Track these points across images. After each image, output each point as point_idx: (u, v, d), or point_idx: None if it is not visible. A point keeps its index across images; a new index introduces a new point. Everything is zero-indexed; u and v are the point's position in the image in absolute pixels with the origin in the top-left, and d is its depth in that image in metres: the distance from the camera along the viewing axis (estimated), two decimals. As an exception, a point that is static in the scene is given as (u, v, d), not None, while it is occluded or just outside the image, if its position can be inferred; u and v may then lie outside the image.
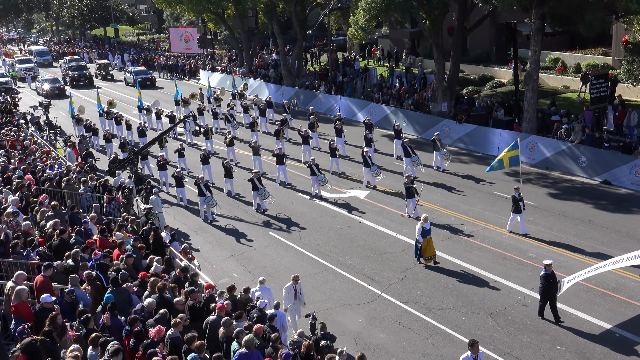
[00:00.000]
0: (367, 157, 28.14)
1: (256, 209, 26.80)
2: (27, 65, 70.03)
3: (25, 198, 19.80)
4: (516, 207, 22.47)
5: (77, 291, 13.40)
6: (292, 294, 16.88)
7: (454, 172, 30.27)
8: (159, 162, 29.87)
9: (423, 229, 20.62)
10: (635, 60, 31.61)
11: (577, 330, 17.00)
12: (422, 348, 16.66)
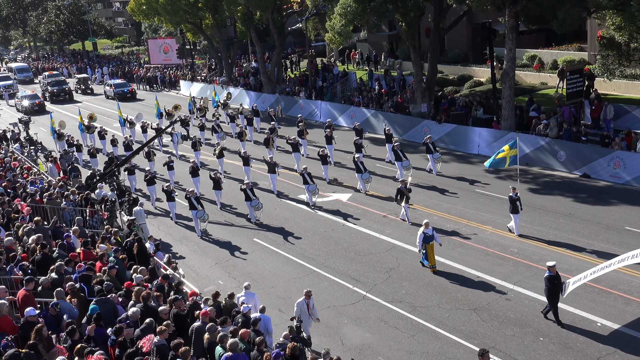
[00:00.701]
0: (359, 163, 28.14)
1: (249, 220, 26.55)
2: (6, 83, 69.72)
3: (6, 214, 19.80)
4: (514, 207, 22.30)
5: (63, 303, 13.44)
6: (305, 309, 16.42)
7: (443, 174, 30.46)
8: (146, 176, 29.35)
9: (424, 235, 20.26)
10: (610, 55, 32.07)
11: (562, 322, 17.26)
12: (408, 346, 16.83)
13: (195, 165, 30.52)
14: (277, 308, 19.08)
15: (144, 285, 15.52)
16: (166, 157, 33.09)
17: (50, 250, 17.16)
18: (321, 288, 20.44)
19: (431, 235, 20.35)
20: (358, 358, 16.18)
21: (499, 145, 32.00)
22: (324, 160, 30.46)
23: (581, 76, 31.72)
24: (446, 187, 28.46)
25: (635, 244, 21.20)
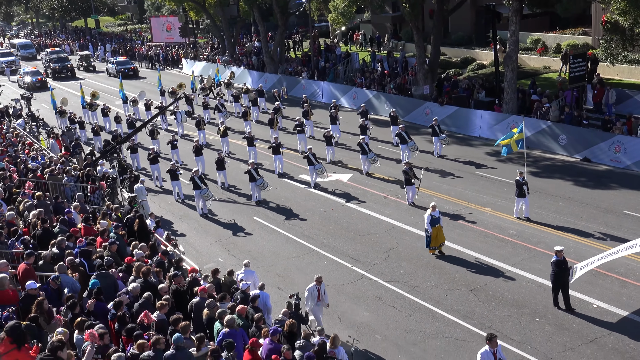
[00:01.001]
0: (364, 144, 28.06)
1: (255, 201, 26.34)
2: (8, 59, 69.59)
3: (7, 189, 19.88)
4: (520, 191, 22.18)
5: (65, 277, 13.55)
6: (315, 294, 16.12)
7: (446, 156, 30.47)
8: (150, 155, 29.03)
9: (432, 217, 20.04)
10: (614, 39, 31.93)
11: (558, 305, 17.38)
12: (405, 325, 16.96)
13: (199, 145, 30.30)
14: (277, 286, 19.18)
15: (144, 261, 15.63)
16: (170, 135, 33.01)
17: (52, 225, 17.25)
18: (320, 267, 20.54)
19: (438, 217, 20.17)
20: (356, 336, 16.26)
21: (500, 128, 32.13)
22: (328, 142, 30.33)
23: (584, 60, 31.60)
24: (446, 169, 28.50)
25: (634, 227, 21.39)
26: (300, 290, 17.30)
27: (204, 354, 11.43)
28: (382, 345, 16.17)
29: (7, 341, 9.04)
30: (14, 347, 8.90)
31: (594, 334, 15.91)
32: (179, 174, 27.00)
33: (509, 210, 23.37)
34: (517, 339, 15.96)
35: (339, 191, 26.82)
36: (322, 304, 16.28)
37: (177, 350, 11.02)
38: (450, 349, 15.83)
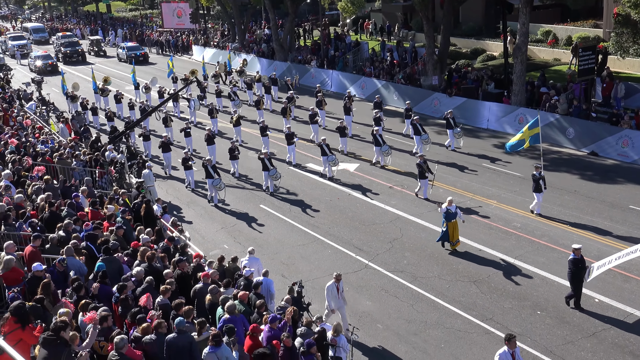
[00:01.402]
0: (378, 136, 27.88)
1: (265, 190, 26.20)
2: (20, 42, 69.75)
3: (17, 172, 20.07)
4: (537, 186, 21.88)
5: (71, 260, 13.73)
6: (335, 292, 15.73)
7: (462, 150, 30.35)
8: (163, 142, 28.81)
9: (447, 212, 19.76)
10: (625, 32, 31.81)
11: (557, 296, 17.41)
12: (406, 314, 17.09)
13: (211, 133, 30.05)
14: (281, 274, 19.31)
15: (150, 246, 15.80)
16: (183, 123, 32.90)
17: (59, 208, 17.43)
18: (324, 256, 20.70)
19: (454, 212, 19.84)
20: (358, 325, 16.37)
21: (508, 120, 32.12)
22: (342, 133, 30.14)
23: (593, 53, 31.43)
24: (453, 160, 28.50)
25: (639, 222, 21.37)
26: (304, 278, 17.53)
27: (205, 338, 11.59)
28: (383, 335, 16.31)
29: (11, 320, 9.21)
30: (18, 326, 9.07)
31: (594, 328, 15.98)
32: (192, 163, 26.89)
33: (514, 203, 23.44)
34: (517, 331, 15.97)
35: (345, 181, 26.88)
36: (342, 301, 15.95)
37: (178, 333, 11.18)
38: (450, 339, 15.95)
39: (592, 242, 20.22)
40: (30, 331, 9.09)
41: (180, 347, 11.18)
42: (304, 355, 12.13)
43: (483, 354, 15.32)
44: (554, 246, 20.18)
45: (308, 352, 12.11)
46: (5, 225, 15.49)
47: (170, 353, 11.14)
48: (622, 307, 16.64)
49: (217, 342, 11.31)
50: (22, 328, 9.04)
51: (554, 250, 19.94)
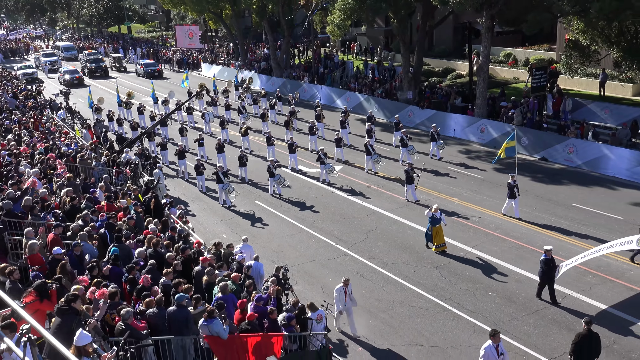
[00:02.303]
0: (369, 146, 27.53)
1: (272, 194, 25.64)
2: (51, 59, 69.74)
3: (43, 170, 20.25)
4: (511, 193, 21.73)
5: (86, 245, 13.95)
6: (343, 296, 15.10)
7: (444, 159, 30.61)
8: (179, 150, 28.42)
9: (432, 217, 19.40)
10: (574, 55, 32.18)
11: (506, 279, 17.72)
12: (377, 294, 17.34)
13: (221, 142, 29.48)
14: (270, 259, 19.42)
15: (157, 235, 16.02)
16: (197, 133, 32.48)
17: (79, 202, 17.62)
18: (309, 244, 20.93)
19: (439, 218, 19.43)
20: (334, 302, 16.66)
21: (471, 129, 32.43)
22: (337, 144, 29.63)
23: (545, 72, 31.89)
24: (426, 165, 28.71)
25: (579, 217, 21.76)
26: (290, 264, 17.76)
27: (200, 311, 11.83)
28: (357, 312, 16.41)
29: (33, 294, 9.44)
30: (37, 299, 9.31)
31: (536, 307, 16.28)
32: (203, 169, 26.64)
33: (474, 201, 23.76)
34: (471, 309, 16.33)
35: (330, 181, 27.10)
36: (351, 303, 15.32)
37: (178, 307, 11.42)
38: (414, 315, 16.22)
39: (539, 234, 20.55)
40: (47, 303, 9.33)
41: (178, 319, 11.43)
42: (285, 327, 12.39)
43: (442, 328, 15.61)
44: (506, 237, 20.49)
45: (288, 325, 12.38)
46: (32, 215, 15.68)
47: (170, 324, 11.40)
48: (561, 289, 16.91)
49: (210, 316, 11.55)
50: (41, 301, 9.28)
51: (505, 240, 20.27)
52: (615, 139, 27.22)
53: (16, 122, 28.68)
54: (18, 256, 14.43)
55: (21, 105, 35.79)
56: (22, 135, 25.93)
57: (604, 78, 34.50)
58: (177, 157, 28.71)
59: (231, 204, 24.83)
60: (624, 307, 16.06)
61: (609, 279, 17.45)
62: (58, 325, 8.41)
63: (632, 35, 28.88)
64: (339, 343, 15.15)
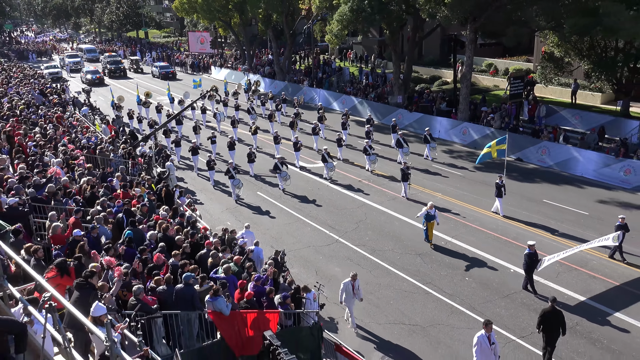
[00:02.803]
0: (367, 147, 27.24)
1: (280, 188, 25.36)
2: (75, 60, 69.46)
3: (66, 161, 20.30)
4: (498, 192, 21.39)
5: (101, 227, 14.05)
6: (350, 289, 14.58)
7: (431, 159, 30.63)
8: (192, 147, 28.19)
9: (427, 214, 19.02)
10: (549, 66, 32.31)
11: (482, 267, 17.87)
12: (365, 278, 17.39)
13: (232, 140, 29.23)
14: (270, 245, 19.55)
15: (167, 220, 16.10)
16: (210, 132, 32.05)
17: (98, 190, 17.69)
18: (305, 232, 21.05)
19: (433, 215, 19.06)
20: (327, 285, 16.61)
21: (454, 131, 32.50)
22: (339, 143, 29.38)
23: (522, 81, 31.98)
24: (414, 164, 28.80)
25: (548, 212, 21.91)
26: (288, 249, 17.87)
27: (205, 289, 11.95)
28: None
29: (54, 270, 9.54)
30: (58, 275, 9.41)
31: (508, 291, 16.45)
32: (214, 165, 26.32)
33: (455, 195, 23.87)
34: (449, 292, 16.49)
35: (325, 175, 27.16)
36: (356, 298, 14.80)
37: (185, 285, 11.53)
38: (398, 297, 16.37)
39: (512, 227, 20.69)
40: (67, 278, 9.43)
41: (185, 296, 11.53)
42: (281, 305, 12.52)
43: (422, 309, 15.76)
44: (483, 229, 20.63)
45: (284, 303, 12.51)
46: (55, 201, 15.75)
47: (177, 300, 11.50)
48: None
49: (215, 295, 11.67)
50: (61, 276, 9.38)
51: (482, 232, 20.41)
52: (584, 142, 27.35)
53: (42, 117, 28.66)
54: (42, 237, 14.52)
55: (47, 101, 35.75)
56: (47, 129, 25.94)
57: (576, 87, 34.66)
58: (190, 153, 28.59)
59: (241, 198, 24.50)
60: (586, 292, 16.24)
61: (574, 267, 17.62)
62: (77, 298, 8.52)
63: (601, 49, 29.04)
64: (329, 321, 15.30)
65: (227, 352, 11.47)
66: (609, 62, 28.44)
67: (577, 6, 25.63)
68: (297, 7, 47.87)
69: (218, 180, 26.57)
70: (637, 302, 15.63)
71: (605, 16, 24.13)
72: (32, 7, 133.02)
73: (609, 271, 17.34)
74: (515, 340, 14.24)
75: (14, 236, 11.86)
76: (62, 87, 46.59)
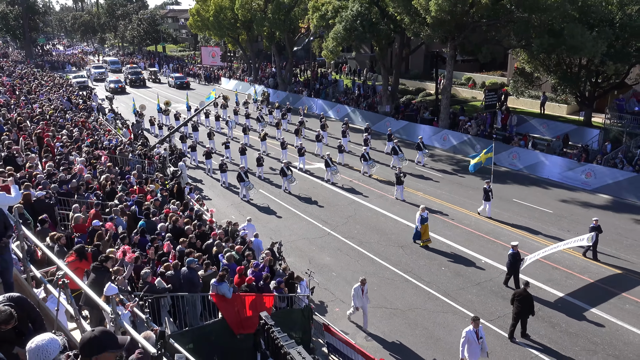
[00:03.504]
0: (366, 153, 26.93)
1: (284, 190, 24.86)
2: (99, 70, 69.40)
3: (89, 160, 20.34)
4: (486, 196, 21.02)
5: (119, 219, 14.10)
6: (360, 293, 13.87)
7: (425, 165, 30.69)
8: (206, 151, 27.78)
9: (421, 217, 18.56)
10: (520, 80, 32.40)
11: (459, 258, 17.95)
12: (353, 267, 17.54)
13: (244, 146, 28.38)
14: (269, 237, 19.53)
15: (177, 213, 16.15)
16: (223, 137, 31.46)
17: (116, 185, 17.73)
18: (301, 225, 21.08)
19: (426, 217, 18.67)
20: (320, 272, 16.83)
21: (436, 137, 32.55)
22: (340, 150, 28.93)
23: (495, 93, 32.10)
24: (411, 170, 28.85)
25: (518, 210, 21.98)
26: (284, 240, 17.89)
27: (208, 275, 12.02)
28: (336, 280, 16.77)
29: (73, 255, 9.60)
30: (77, 259, 9.47)
31: (479, 280, 16.52)
32: (226, 168, 25.94)
33: (436, 195, 23.91)
34: (427, 280, 16.57)
35: (319, 174, 27.22)
36: (365, 301, 14.00)
37: (189, 269, 11.60)
38: (381, 284, 16.41)
39: (484, 222, 20.77)
40: (85, 262, 9.50)
41: (188, 278, 11.60)
42: (275, 289, 12.60)
43: (402, 294, 15.82)
44: (458, 224, 20.69)
45: (278, 287, 12.58)
46: (77, 195, 15.80)
47: (183, 282, 11.58)
48: (498, 266, 17.17)
49: (220, 280, 11.74)
50: (80, 260, 9.44)
51: (458, 227, 20.47)
52: (550, 148, 27.47)
53: (69, 121, 28.68)
54: (65, 227, 14.57)
55: (73, 107, 35.75)
56: (73, 131, 25.96)
57: (544, 99, 34.77)
58: (204, 157, 28.14)
59: (250, 199, 24.02)
60: (547, 281, 16.33)
61: (540, 260, 17.67)
62: (93, 279, 8.59)
63: (567, 65, 29.14)
64: (320, 304, 15.36)
65: (227, 330, 11.54)
66: (573, 77, 28.55)
67: (544, 28, 25.72)
68: (297, 26, 47.93)
69: (230, 182, 26.04)
70: (595, 291, 15.74)
71: (569, 37, 24.23)
72: (62, 23, 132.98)
73: (569, 263, 17.43)
74: (485, 323, 14.28)
75: (40, 225, 11.92)
76: (88, 95, 46.58)
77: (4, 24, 75.78)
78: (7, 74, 42.03)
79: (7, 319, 4.73)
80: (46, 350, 4.17)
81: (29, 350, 4.22)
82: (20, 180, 13.91)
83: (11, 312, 4.77)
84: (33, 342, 4.23)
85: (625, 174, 23.39)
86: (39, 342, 4.21)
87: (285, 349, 9.30)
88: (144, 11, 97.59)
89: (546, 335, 13.78)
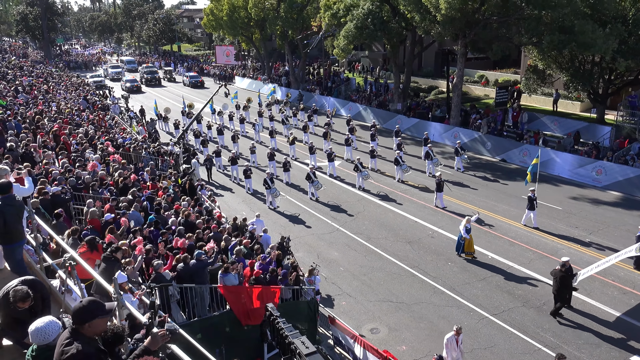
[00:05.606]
0: (399, 157, 25.61)
1: (310, 197, 23.84)
2: (116, 70, 70.53)
3: (103, 157, 20.82)
4: (530, 205, 19.71)
5: (134, 212, 14.49)
6: (454, 344, 11.53)
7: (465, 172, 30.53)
8: (231, 157, 26.75)
9: (466, 229, 17.43)
10: (532, 77, 32.24)
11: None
12: (360, 262, 17.76)
13: (272, 151, 27.36)
14: (278, 232, 19.77)
15: (188, 209, 16.53)
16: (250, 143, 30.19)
17: (130, 182, 18.15)
18: (310, 221, 21.32)
19: (470, 228, 17.50)
20: (327, 267, 17.10)
21: (447, 135, 32.55)
22: (372, 155, 27.68)
23: (507, 91, 31.97)
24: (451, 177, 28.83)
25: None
26: (293, 236, 18.18)
27: (216, 267, 12.36)
28: (343, 274, 17.00)
29: (85, 246, 9.99)
30: (88, 249, 9.84)
31: (484, 275, 16.62)
32: (250, 174, 25.00)
33: (449, 194, 23.89)
34: (433, 275, 16.72)
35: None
36: (460, 354, 11.66)
37: (197, 261, 11.94)
38: (387, 279, 16.63)
39: (491, 218, 20.79)
40: (96, 253, 9.87)
41: (198, 270, 11.94)
42: (281, 281, 12.89)
43: (409, 289, 16.00)
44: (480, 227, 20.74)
45: (284, 278, 12.88)
46: (92, 191, 16.26)
47: (192, 273, 11.92)
48: (505, 261, 17.26)
49: (226, 271, 12.07)
50: (91, 251, 9.81)
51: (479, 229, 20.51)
52: (560, 145, 27.34)
53: (85, 119, 29.33)
54: (80, 221, 15.03)
55: (89, 105, 36.47)
56: (88, 130, 26.56)
57: (557, 97, 34.51)
58: (230, 162, 27.10)
59: (276, 206, 22.84)
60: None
61: (544, 254, 17.74)
62: (103, 269, 8.96)
63: (579, 62, 28.93)
64: (326, 298, 15.62)
65: (234, 321, 11.85)
66: (585, 74, 28.34)
67: (555, 25, 25.59)
68: (310, 24, 48.15)
69: (256, 189, 25.08)
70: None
71: (580, 34, 24.09)
72: (80, 24, 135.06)
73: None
74: (489, 317, 14.45)
75: (56, 219, 12.35)
76: (105, 94, 47.43)
77: (23, 25, 77.26)
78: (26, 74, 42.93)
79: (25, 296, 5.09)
80: (45, 332, 4.54)
81: (30, 333, 4.58)
82: (37, 177, 14.39)
83: (28, 291, 5.13)
84: (33, 325, 4.59)
85: (636, 170, 23.22)
86: (39, 324, 4.57)
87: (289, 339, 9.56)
88: (159, 11, 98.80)
89: (550, 329, 13.85)
